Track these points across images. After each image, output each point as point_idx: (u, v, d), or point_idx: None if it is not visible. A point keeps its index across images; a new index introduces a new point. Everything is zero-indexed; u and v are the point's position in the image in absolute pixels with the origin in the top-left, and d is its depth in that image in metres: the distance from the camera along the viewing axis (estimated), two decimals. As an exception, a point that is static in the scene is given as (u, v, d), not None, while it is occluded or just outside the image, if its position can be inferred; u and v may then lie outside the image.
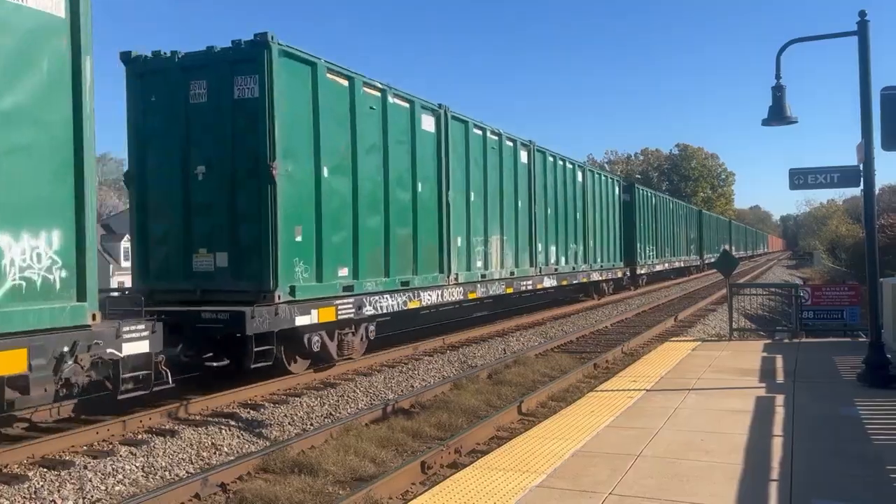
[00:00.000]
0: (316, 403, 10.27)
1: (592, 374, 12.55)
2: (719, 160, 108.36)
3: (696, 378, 10.02)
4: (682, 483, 5.66)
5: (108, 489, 6.96)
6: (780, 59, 9.81)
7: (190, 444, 8.21)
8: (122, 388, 8.02)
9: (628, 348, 15.34)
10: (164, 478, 7.36)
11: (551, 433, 7.27)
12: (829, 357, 11.54)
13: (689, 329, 19.24)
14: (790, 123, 10.04)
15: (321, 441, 8.26)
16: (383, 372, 12.53)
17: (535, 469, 6.07)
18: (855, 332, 14.87)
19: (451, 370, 13.25)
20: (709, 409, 8.17)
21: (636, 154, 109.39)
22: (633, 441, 6.86)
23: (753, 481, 5.66)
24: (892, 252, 29.04)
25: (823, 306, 14.63)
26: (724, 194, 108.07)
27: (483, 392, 11.01)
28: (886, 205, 46.46)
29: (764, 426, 7.32)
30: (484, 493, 5.53)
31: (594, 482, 5.71)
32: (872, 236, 9.38)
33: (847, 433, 7.05)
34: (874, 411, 7.93)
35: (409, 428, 8.95)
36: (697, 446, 6.66)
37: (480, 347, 15.56)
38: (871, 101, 9.09)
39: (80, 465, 7.30)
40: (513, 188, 18.49)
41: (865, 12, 9.19)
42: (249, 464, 7.38)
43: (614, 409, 8.19)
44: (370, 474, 7.21)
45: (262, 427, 9.11)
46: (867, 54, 9.15)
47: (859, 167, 9.64)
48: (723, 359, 11.71)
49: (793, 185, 10.48)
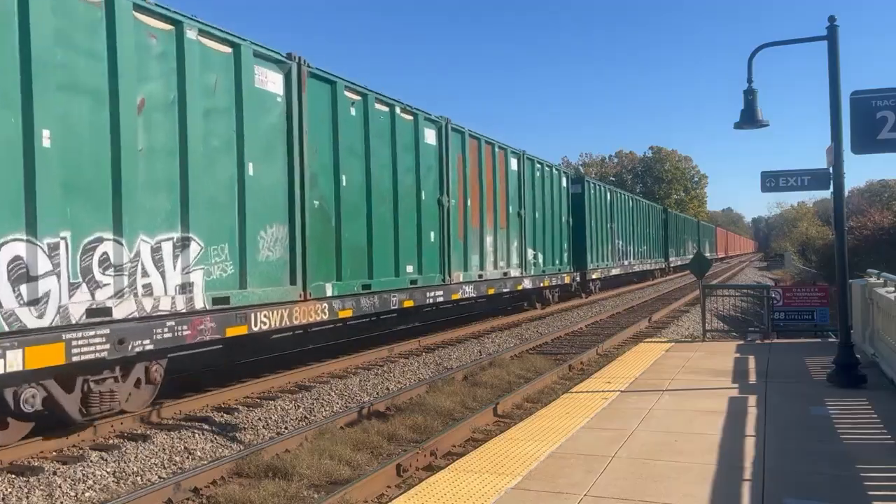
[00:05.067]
0: (290, 406, 10.19)
1: (568, 376, 12.59)
2: (692, 163, 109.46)
3: (671, 379, 10.09)
4: (657, 483, 5.70)
5: (77, 495, 6.85)
6: (751, 63, 9.91)
7: (162, 449, 8.10)
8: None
9: (603, 349, 15.41)
10: (135, 483, 7.25)
11: (527, 435, 7.28)
12: (801, 357, 11.69)
13: (662, 330, 19.40)
14: (762, 127, 10.16)
15: (296, 444, 8.19)
16: (358, 374, 12.48)
17: (511, 471, 6.07)
18: (825, 332, 15.07)
19: (427, 372, 13.22)
20: (683, 409, 8.24)
21: (610, 157, 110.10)
22: (608, 442, 6.89)
23: (726, 481, 5.71)
24: (861, 254, 29.49)
25: (794, 307, 14.84)
26: (697, 196, 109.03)
27: (459, 394, 10.99)
28: (856, 207, 47.22)
29: (737, 426, 7.39)
30: (460, 495, 5.52)
31: (569, 483, 5.73)
32: (842, 238, 9.51)
33: (818, 433, 7.14)
34: (844, 411, 8.05)
35: (385, 430, 8.91)
36: (672, 447, 6.71)
37: (456, 349, 15.55)
38: (841, 104, 9.23)
39: (49, 471, 7.16)
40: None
41: (835, 17, 9.33)
42: (223, 468, 7.29)
43: (589, 411, 8.22)
44: (345, 478, 7.16)
45: (236, 431, 9.02)
46: (836, 59, 9.29)
47: (829, 170, 9.79)
48: (696, 360, 11.81)
49: (764, 188, 10.62)
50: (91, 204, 7.73)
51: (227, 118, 9.72)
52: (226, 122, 9.70)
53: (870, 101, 8.93)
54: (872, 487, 5.54)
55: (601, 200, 29.52)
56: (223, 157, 9.62)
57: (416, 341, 15.77)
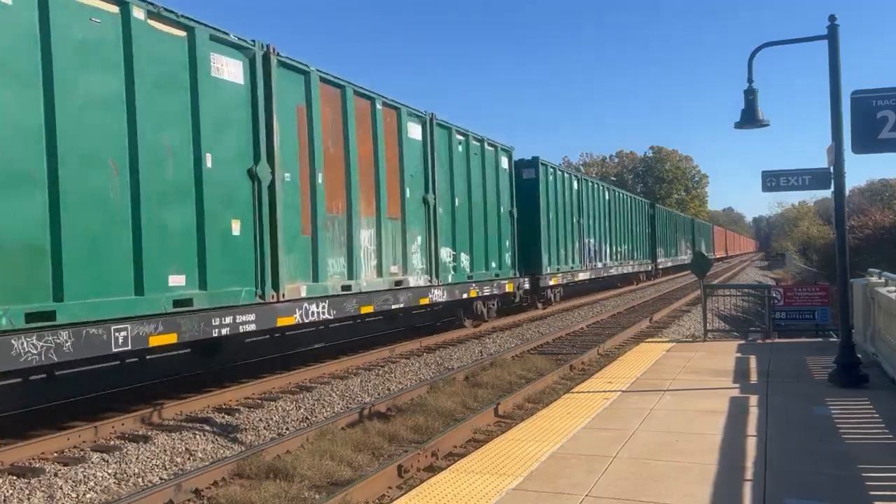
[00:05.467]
0: (291, 407, 10.19)
1: (569, 376, 12.59)
2: (693, 162, 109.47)
3: (672, 379, 10.08)
4: (658, 484, 5.69)
5: (79, 497, 6.85)
6: (752, 62, 9.90)
7: (163, 450, 8.10)
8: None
9: (604, 350, 15.41)
10: (136, 484, 7.25)
11: (528, 435, 7.27)
12: (802, 357, 11.68)
13: (664, 330, 19.39)
14: (762, 126, 10.15)
15: (297, 445, 8.19)
16: (359, 375, 12.48)
17: (512, 472, 6.07)
18: (826, 332, 15.05)
19: (428, 373, 13.22)
20: (684, 409, 8.23)
21: (611, 156, 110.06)
22: (609, 442, 6.89)
23: (727, 481, 5.71)
24: (862, 253, 29.43)
25: (795, 307, 14.81)
26: (698, 196, 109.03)
27: (460, 394, 10.99)
28: (857, 206, 47.17)
29: (738, 426, 7.38)
30: (461, 496, 5.52)
31: (570, 484, 5.72)
32: (843, 237, 9.50)
33: (819, 433, 7.13)
34: (845, 411, 8.04)
35: (386, 431, 8.91)
36: (673, 447, 6.70)
37: (457, 349, 15.55)
38: (842, 104, 9.21)
39: (50, 473, 7.17)
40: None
41: (835, 17, 9.31)
42: (224, 469, 7.29)
43: (590, 411, 8.22)
44: (346, 479, 7.16)
45: (237, 432, 9.03)
46: (837, 58, 9.27)
47: (830, 169, 9.78)
48: (697, 360, 11.80)
49: (765, 187, 10.61)
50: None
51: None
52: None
53: (870, 101, 8.91)
54: (874, 487, 5.53)
55: (564, 190, 24.30)
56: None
57: (418, 342, 15.78)
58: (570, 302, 26.39)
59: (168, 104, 8.91)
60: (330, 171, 11.97)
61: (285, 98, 10.91)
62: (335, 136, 12.19)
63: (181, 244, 9.02)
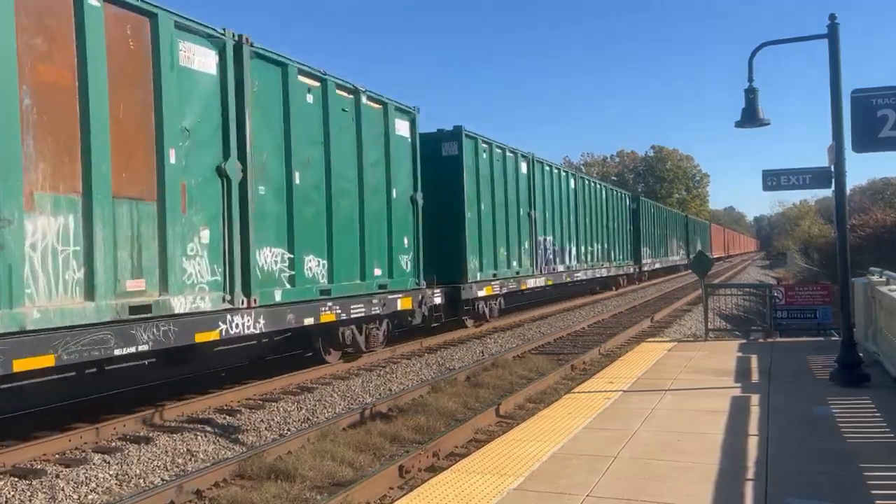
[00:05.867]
0: (293, 408, 10.19)
1: (570, 376, 12.58)
2: (694, 161, 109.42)
3: (673, 379, 10.08)
4: (659, 483, 5.69)
5: (80, 498, 6.85)
6: (752, 61, 9.89)
7: (165, 451, 8.11)
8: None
9: (605, 349, 15.40)
10: (138, 486, 7.26)
11: (529, 435, 7.27)
12: (803, 356, 11.67)
13: (665, 329, 19.38)
14: (763, 125, 10.14)
15: (298, 446, 8.19)
16: (361, 375, 12.48)
17: (513, 472, 6.07)
18: (828, 331, 15.04)
19: (429, 373, 13.22)
20: (685, 409, 8.22)
21: (612, 156, 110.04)
22: (611, 442, 6.88)
23: (729, 481, 5.70)
24: (863, 252, 29.41)
25: (797, 306, 14.79)
26: (698, 195, 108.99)
27: (461, 395, 10.99)
28: (858, 205, 47.14)
29: (739, 426, 7.38)
30: (462, 496, 5.52)
31: (572, 484, 5.72)
32: (844, 236, 9.49)
33: (821, 432, 7.12)
34: (847, 410, 8.03)
35: (387, 432, 8.91)
36: (674, 447, 6.70)
37: (458, 350, 15.55)
38: (842, 103, 9.21)
39: (51, 474, 7.17)
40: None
41: (835, 16, 9.30)
42: (225, 470, 7.30)
43: (591, 411, 8.21)
44: (348, 479, 7.16)
45: (239, 433, 9.03)
46: (837, 57, 9.27)
47: (830, 168, 9.77)
48: (699, 359, 11.79)
49: (766, 187, 10.61)
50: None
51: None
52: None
53: (870, 100, 8.91)
54: (875, 487, 5.52)
55: (506, 172, 19.20)
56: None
57: (419, 342, 15.78)
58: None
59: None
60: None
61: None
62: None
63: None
